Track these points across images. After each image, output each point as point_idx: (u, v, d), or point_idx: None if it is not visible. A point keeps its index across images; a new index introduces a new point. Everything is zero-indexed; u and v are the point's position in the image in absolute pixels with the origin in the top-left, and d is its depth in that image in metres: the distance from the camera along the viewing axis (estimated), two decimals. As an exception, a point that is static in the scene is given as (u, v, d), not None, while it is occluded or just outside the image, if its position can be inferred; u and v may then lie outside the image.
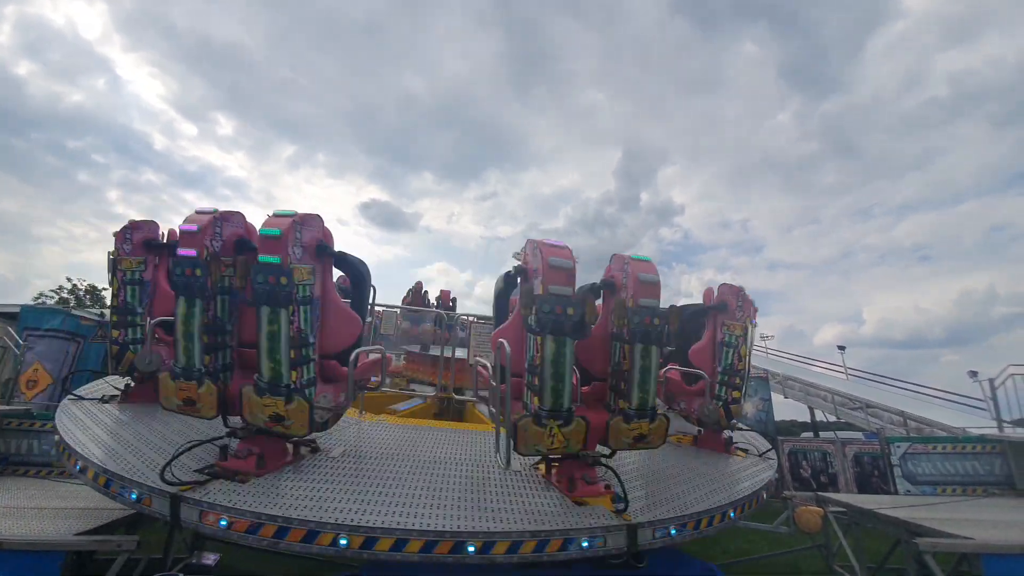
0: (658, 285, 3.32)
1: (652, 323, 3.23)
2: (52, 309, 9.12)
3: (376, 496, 2.94)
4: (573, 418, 3.15)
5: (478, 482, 3.36)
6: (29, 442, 6.00)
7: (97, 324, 8.35)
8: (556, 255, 3.14)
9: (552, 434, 3.10)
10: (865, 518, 5.30)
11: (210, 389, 3.09)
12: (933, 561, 3.93)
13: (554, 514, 2.95)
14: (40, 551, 3.33)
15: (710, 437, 5.03)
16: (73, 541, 3.48)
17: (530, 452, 3.19)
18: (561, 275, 3.10)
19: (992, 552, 3.77)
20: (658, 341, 3.27)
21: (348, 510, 2.71)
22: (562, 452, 3.29)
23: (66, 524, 3.78)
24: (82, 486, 5.35)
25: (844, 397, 12.78)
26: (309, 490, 2.93)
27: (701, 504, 3.39)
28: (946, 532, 4.14)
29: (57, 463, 5.78)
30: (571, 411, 3.16)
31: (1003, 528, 4.39)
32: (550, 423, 3.07)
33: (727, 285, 4.79)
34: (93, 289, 24.24)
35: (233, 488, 2.85)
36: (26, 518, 3.92)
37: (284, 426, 3.04)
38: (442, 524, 2.67)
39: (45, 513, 4.11)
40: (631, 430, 3.29)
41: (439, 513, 2.79)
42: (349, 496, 2.89)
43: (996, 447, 6.63)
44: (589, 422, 3.20)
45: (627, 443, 3.34)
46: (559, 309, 3.04)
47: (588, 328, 3.16)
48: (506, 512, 2.91)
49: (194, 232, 3.14)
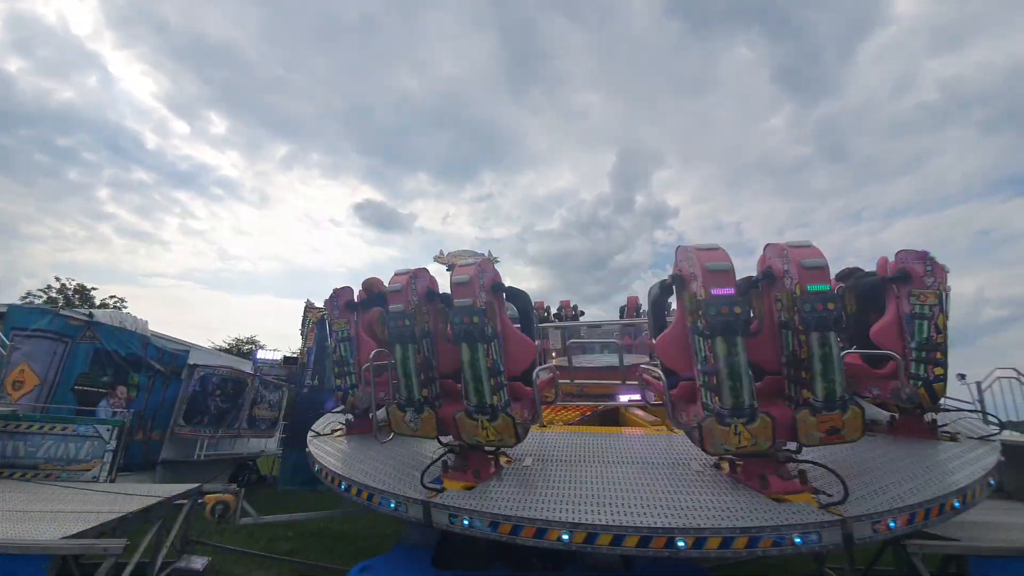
0: (826, 270, 3.25)
1: (826, 308, 3.14)
2: (40, 309, 9.00)
3: (579, 495, 3.31)
4: (757, 415, 3.13)
5: (667, 481, 3.53)
6: (15, 444, 5.92)
7: (85, 325, 8.26)
8: (712, 259, 3.25)
9: (738, 432, 3.12)
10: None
11: (430, 416, 3.67)
12: (921, 563, 3.96)
13: (758, 511, 2.99)
14: (26, 554, 3.28)
15: (909, 423, 4.50)
16: (60, 544, 3.43)
17: (718, 451, 3.25)
18: (721, 277, 3.19)
19: (980, 554, 3.81)
20: (837, 326, 3.15)
21: (564, 509, 3.10)
22: (752, 450, 3.24)
23: (53, 527, 3.73)
24: (67, 489, 5.30)
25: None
26: (522, 494, 3.38)
27: (916, 496, 3.16)
28: (934, 534, 4.18)
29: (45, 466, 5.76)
30: (754, 408, 3.13)
31: (990, 530, 4.44)
32: (733, 421, 3.12)
33: (907, 251, 4.30)
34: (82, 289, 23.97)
35: (462, 495, 3.38)
36: (11, 521, 3.87)
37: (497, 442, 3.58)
38: (653, 521, 2.90)
39: (31, 516, 4.05)
40: (822, 423, 3.15)
41: (644, 511, 3.03)
42: (558, 497, 3.30)
43: (983, 450, 6.70)
44: (774, 418, 3.15)
45: (819, 437, 3.17)
46: (725, 310, 3.11)
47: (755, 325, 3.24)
48: (707, 510, 3.05)
49: (400, 290, 3.75)
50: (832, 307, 3.12)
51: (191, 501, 5.21)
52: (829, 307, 3.12)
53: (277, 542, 7.01)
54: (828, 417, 3.13)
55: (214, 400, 10.59)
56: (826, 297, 3.14)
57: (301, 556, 6.54)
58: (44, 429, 6.02)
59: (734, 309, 3.10)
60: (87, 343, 8.20)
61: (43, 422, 6.09)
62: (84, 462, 6.01)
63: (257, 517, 5.53)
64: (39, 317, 7.90)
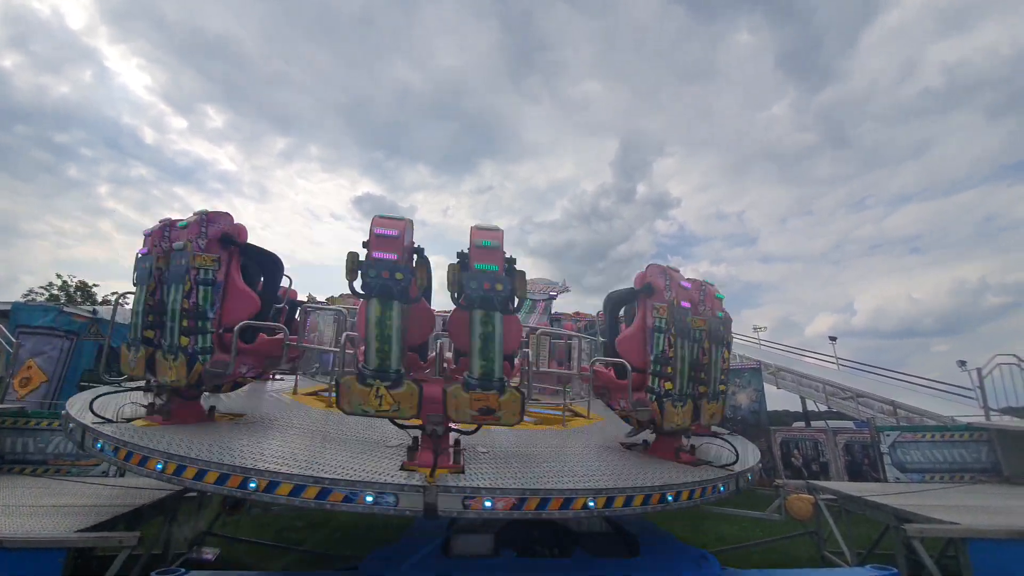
0: (496, 250, 3.36)
1: (493, 288, 3.26)
2: (44, 306, 9.03)
3: None
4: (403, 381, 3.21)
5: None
6: (24, 440, 5.98)
7: (90, 321, 8.29)
8: None
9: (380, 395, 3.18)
10: (855, 505, 5.42)
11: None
12: (921, 546, 4.03)
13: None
14: (41, 548, 3.34)
15: (662, 444, 4.40)
16: (75, 538, 3.48)
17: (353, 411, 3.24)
18: None
19: (978, 537, 3.87)
20: (503, 307, 3.29)
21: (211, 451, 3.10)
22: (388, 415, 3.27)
23: (66, 521, 3.79)
24: (78, 483, 5.36)
25: (835, 387, 12.96)
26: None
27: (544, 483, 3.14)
28: (934, 518, 4.24)
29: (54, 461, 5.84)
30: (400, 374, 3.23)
31: (989, 514, 4.50)
32: None
33: (655, 265, 4.43)
34: (84, 286, 24.00)
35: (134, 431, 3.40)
36: (25, 516, 3.92)
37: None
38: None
39: (44, 511, 4.11)
40: (474, 400, 3.22)
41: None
42: None
43: (983, 435, 6.77)
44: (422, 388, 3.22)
45: (471, 414, 3.25)
46: None
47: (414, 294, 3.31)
48: None
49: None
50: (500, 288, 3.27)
51: (201, 493, 5.27)
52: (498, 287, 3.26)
53: (288, 532, 7.09)
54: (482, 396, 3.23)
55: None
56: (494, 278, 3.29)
57: (312, 545, 6.63)
58: (53, 425, 6.08)
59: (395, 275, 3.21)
60: (92, 339, 8.25)
61: (51, 418, 6.15)
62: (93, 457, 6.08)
63: (267, 508, 5.60)
64: (44, 314, 7.94)
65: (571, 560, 4.03)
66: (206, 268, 3.72)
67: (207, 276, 3.70)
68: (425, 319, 3.81)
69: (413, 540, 4.43)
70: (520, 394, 3.31)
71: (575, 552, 4.12)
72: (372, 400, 3.14)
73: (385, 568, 3.79)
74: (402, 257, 3.25)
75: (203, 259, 3.71)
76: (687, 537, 5.47)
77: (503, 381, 3.28)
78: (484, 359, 3.23)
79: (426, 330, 3.90)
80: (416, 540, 4.41)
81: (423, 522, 5.05)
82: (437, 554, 4.01)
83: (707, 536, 7.04)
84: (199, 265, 3.72)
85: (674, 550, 4.31)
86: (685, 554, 4.20)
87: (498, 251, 3.38)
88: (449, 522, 4.38)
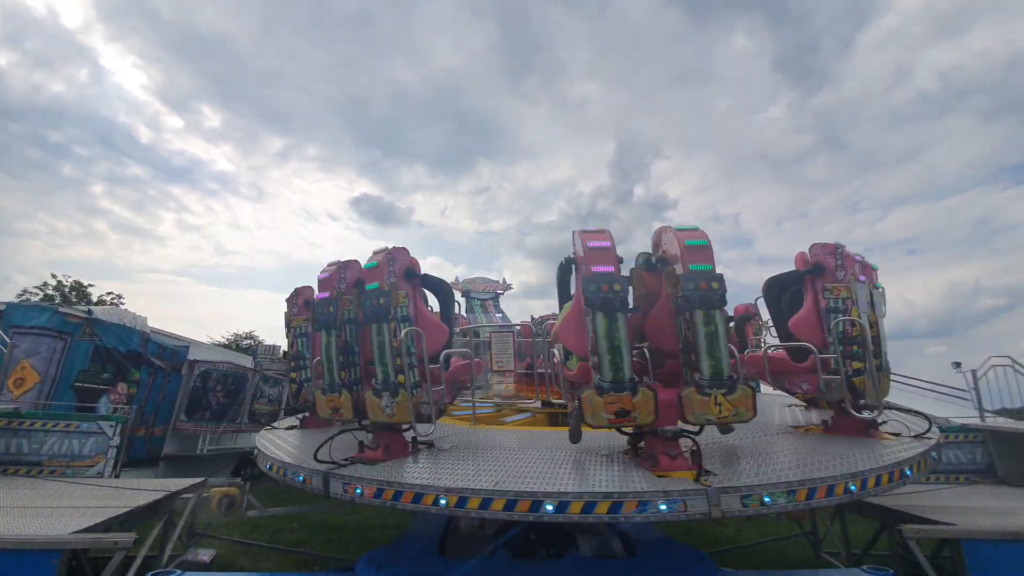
0: (708, 248, 3.41)
1: (710, 287, 3.26)
2: (38, 306, 8.97)
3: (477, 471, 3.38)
4: (639, 389, 3.23)
5: (568, 463, 3.60)
6: (18, 441, 5.95)
7: (85, 321, 8.24)
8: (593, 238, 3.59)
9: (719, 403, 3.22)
10: (851, 506, 5.43)
11: (346, 397, 3.85)
12: (917, 547, 4.04)
13: (635, 481, 3.09)
14: (36, 550, 3.31)
15: (843, 422, 4.35)
16: (70, 539, 3.46)
17: (599, 423, 3.27)
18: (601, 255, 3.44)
19: (973, 538, 3.89)
20: (721, 305, 3.27)
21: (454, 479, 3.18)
22: (633, 425, 3.35)
23: (61, 522, 3.77)
24: (74, 484, 5.33)
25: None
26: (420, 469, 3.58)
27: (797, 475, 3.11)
28: (929, 519, 4.26)
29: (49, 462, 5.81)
30: (634, 382, 3.23)
31: (984, 515, 4.53)
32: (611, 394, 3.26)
33: (819, 244, 4.29)
34: (78, 286, 23.78)
35: (367, 469, 3.54)
36: (19, 517, 3.90)
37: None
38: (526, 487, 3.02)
39: (40, 512, 4.09)
40: (707, 402, 3.23)
41: (527, 482, 3.11)
42: (456, 471, 3.40)
43: (978, 436, 6.81)
44: (656, 393, 3.25)
45: (705, 417, 3.25)
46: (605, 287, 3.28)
47: None
48: (588, 480, 3.15)
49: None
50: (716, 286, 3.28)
51: (196, 495, 5.25)
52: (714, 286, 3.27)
53: (283, 533, 7.08)
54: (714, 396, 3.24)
55: (215, 395, 10.62)
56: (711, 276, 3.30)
57: (307, 547, 6.62)
58: (47, 426, 6.04)
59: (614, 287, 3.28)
60: (87, 340, 8.19)
61: (46, 419, 6.12)
62: (88, 458, 6.05)
63: (262, 510, 5.58)
64: (38, 314, 7.88)
65: (567, 561, 4.04)
66: (402, 305, 3.85)
67: (404, 312, 3.82)
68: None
69: (409, 540, 4.42)
70: (751, 389, 3.32)
71: (572, 553, 4.13)
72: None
73: (380, 569, 3.79)
74: (617, 267, 3.41)
75: (398, 297, 3.83)
76: (683, 538, 5.48)
77: (733, 379, 3.26)
78: (712, 358, 3.24)
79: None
80: (413, 540, 4.41)
81: (418, 523, 5.06)
82: (433, 554, 4.01)
83: (703, 537, 7.06)
84: (397, 303, 3.83)
85: (670, 551, 4.32)
86: (682, 555, 4.21)
87: (708, 250, 3.44)
88: (446, 522, 4.38)
